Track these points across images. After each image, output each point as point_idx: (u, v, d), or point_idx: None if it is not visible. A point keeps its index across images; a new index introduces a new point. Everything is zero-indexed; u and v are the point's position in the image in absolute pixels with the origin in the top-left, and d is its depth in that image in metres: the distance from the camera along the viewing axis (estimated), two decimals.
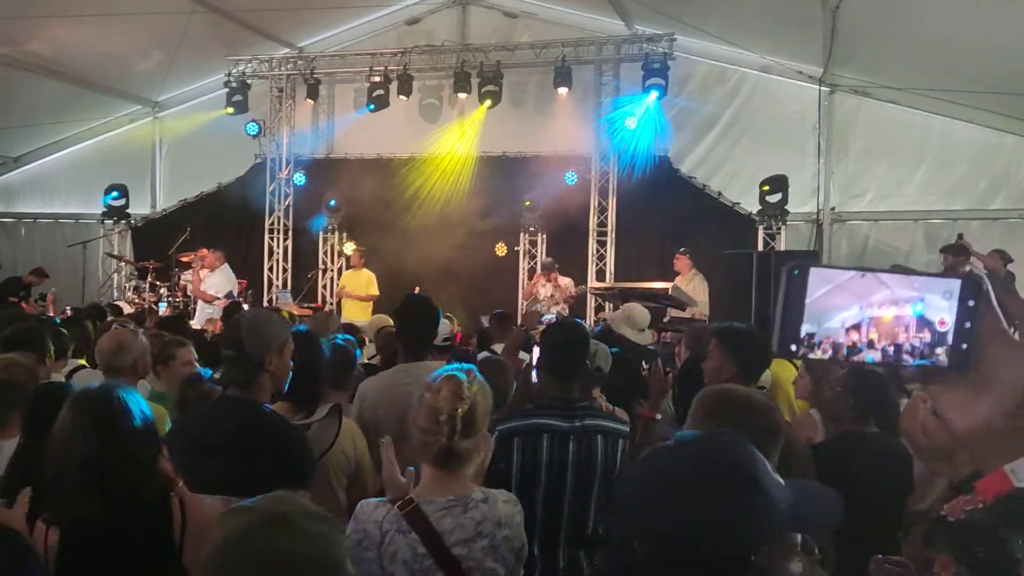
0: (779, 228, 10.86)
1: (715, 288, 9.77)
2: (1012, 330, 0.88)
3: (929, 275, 0.87)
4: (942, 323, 0.86)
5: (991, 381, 0.85)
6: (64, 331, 4.72)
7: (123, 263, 12.67)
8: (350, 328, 6.44)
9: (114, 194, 12.91)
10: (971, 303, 0.86)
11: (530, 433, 3.02)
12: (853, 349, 0.86)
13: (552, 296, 10.55)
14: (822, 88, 10.92)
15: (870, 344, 0.86)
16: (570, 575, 2.97)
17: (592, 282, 11.67)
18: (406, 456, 2.50)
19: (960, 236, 9.24)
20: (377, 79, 11.95)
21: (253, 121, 12.64)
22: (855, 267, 0.87)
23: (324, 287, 13.16)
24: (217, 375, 3.64)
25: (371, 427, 3.47)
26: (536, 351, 3.76)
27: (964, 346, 0.86)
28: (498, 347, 5.78)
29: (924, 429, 2.32)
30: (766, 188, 10.60)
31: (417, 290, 10.10)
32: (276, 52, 12.89)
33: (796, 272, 0.86)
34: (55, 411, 2.28)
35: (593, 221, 12.01)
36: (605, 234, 12.04)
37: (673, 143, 11.68)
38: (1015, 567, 2.03)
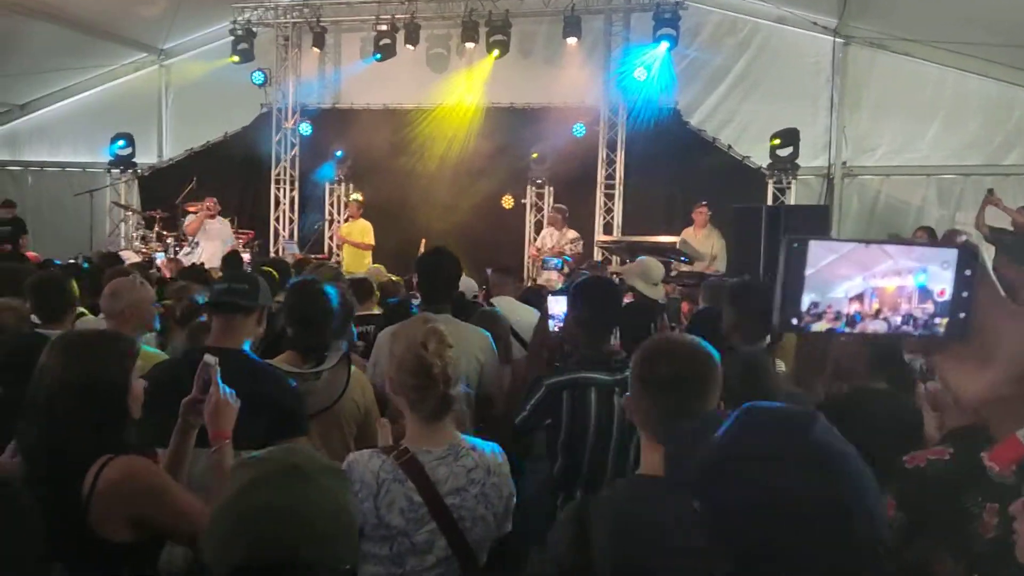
0: (789, 182, 10.75)
1: (725, 242, 9.75)
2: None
3: (927, 245, 0.87)
4: (941, 293, 0.86)
5: (995, 350, 0.85)
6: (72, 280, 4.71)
7: (130, 212, 12.64)
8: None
9: (121, 143, 12.85)
10: (968, 272, 0.86)
11: (578, 387, 3.08)
12: (855, 320, 0.86)
13: (554, 247, 10.45)
14: (837, 40, 10.72)
15: (875, 314, 0.86)
16: None
17: (599, 235, 11.62)
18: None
19: (990, 191, 9.03)
20: (384, 28, 11.76)
21: (259, 70, 12.50)
22: (856, 239, 0.87)
23: (331, 238, 13.14)
24: None
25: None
26: (552, 302, 3.80)
27: (961, 315, 0.86)
28: (501, 299, 5.76)
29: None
30: (777, 142, 10.47)
31: (424, 242, 10.09)
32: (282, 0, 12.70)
33: (796, 245, 0.86)
34: (30, 359, 2.24)
35: (601, 174, 11.91)
36: (613, 187, 11.95)
37: (683, 95, 11.52)
38: (969, 521, 2.07)
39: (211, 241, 10.59)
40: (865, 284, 0.85)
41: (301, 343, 3.17)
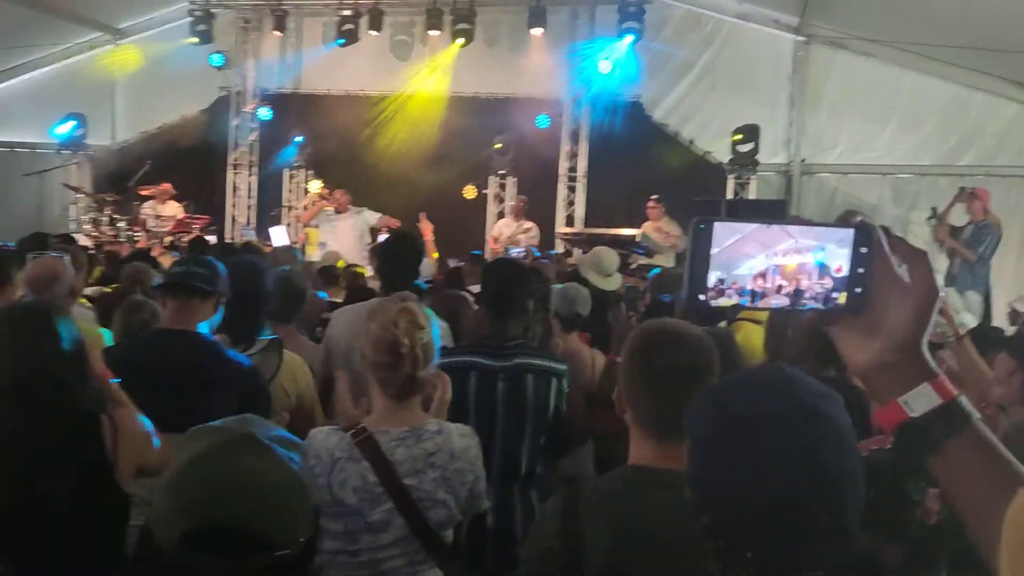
0: (749, 178, 10.84)
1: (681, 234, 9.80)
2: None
3: (827, 225, 0.94)
4: (838, 270, 0.93)
5: (882, 321, 0.93)
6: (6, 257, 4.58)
7: (81, 195, 12.33)
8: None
9: (74, 124, 12.48)
10: (863, 250, 0.93)
11: (457, 370, 2.97)
12: (759, 295, 0.92)
13: (511, 237, 10.42)
14: (798, 38, 10.83)
15: (777, 290, 0.92)
16: (502, 506, 2.99)
17: (561, 227, 11.61)
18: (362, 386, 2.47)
19: (962, 189, 8.86)
20: (347, 12, 11.61)
21: (218, 52, 12.25)
22: (759, 220, 0.93)
23: (289, 225, 12.94)
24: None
25: (339, 356, 3.41)
26: None
27: (858, 290, 0.94)
28: (474, 288, 5.73)
29: None
30: (738, 138, 10.53)
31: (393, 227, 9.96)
32: None
33: (702, 226, 0.91)
34: None
35: (564, 166, 11.90)
36: (575, 179, 11.95)
37: (647, 89, 11.54)
38: (909, 508, 2.11)
39: (342, 238, 9.75)
40: (768, 262, 0.92)
41: (232, 325, 3.08)
